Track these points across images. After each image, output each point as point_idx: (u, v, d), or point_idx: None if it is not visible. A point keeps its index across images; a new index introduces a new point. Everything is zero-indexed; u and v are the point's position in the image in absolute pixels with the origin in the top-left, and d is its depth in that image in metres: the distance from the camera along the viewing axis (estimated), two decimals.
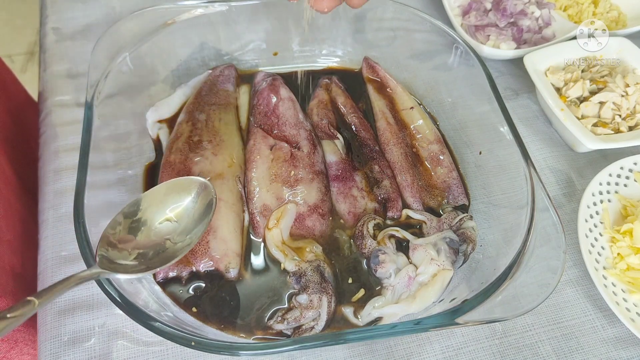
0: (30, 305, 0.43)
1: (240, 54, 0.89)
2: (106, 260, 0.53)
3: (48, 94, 0.86)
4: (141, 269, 0.55)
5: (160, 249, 0.58)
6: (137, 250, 0.57)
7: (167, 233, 0.60)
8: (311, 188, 0.72)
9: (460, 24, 0.96)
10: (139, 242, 0.58)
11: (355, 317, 0.62)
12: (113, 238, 0.56)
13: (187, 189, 0.62)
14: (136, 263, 0.55)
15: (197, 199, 0.62)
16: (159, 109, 0.80)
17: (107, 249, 0.54)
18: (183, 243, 0.59)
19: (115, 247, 0.55)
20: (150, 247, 0.58)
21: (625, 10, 1.02)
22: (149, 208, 0.60)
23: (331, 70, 0.91)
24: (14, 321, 0.41)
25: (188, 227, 0.60)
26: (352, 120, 0.82)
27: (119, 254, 0.55)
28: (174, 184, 0.63)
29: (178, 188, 0.62)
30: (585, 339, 0.66)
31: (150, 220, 0.60)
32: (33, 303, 0.44)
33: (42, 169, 0.78)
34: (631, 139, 0.78)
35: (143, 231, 0.59)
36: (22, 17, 2.33)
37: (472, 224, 0.69)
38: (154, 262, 0.56)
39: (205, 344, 0.51)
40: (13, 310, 0.42)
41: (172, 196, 0.62)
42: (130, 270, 0.54)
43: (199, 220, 0.61)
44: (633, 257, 0.68)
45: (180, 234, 0.60)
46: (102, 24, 0.95)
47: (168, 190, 0.62)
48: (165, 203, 0.61)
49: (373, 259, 0.65)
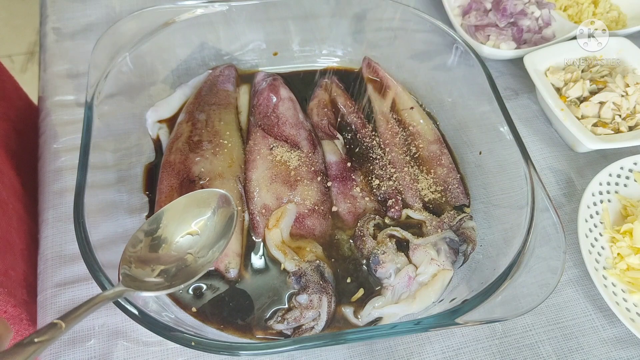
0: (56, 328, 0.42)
1: (240, 54, 0.89)
2: (129, 278, 0.52)
3: (48, 94, 0.86)
4: (165, 286, 0.53)
5: (183, 264, 0.56)
6: (160, 267, 0.55)
7: (189, 247, 0.58)
8: (311, 188, 0.72)
9: (460, 24, 0.96)
10: (161, 258, 0.56)
11: (355, 317, 0.62)
12: (135, 256, 0.54)
13: (207, 202, 0.60)
14: (160, 280, 0.54)
15: (217, 211, 0.59)
16: (159, 109, 0.80)
17: (129, 267, 0.53)
18: (205, 258, 0.57)
19: (137, 264, 0.54)
20: (173, 263, 0.56)
21: (625, 10, 1.02)
22: (170, 223, 0.58)
23: (331, 70, 0.91)
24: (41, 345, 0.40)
25: (210, 240, 0.58)
26: (352, 120, 0.82)
27: (142, 271, 0.53)
28: (194, 196, 0.60)
29: (198, 201, 0.60)
30: (585, 339, 0.66)
31: (171, 235, 0.58)
32: (60, 325, 0.42)
33: (42, 169, 0.78)
34: (631, 139, 0.78)
35: (164, 247, 0.57)
36: (22, 17, 2.33)
37: (472, 224, 0.69)
38: (177, 279, 0.54)
39: (205, 344, 0.51)
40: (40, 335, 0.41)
41: (193, 209, 0.60)
42: (154, 287, 0.52)
43: (221, 233, 0.58)
44: (633, 257, 0.68)
45: (202, 248, 0.58)
46: (102, 24, 0.95)
47: (188, 204, 0.60)
48: (186, 217, 0.59)
49: (373, 258, 0.65)
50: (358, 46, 0.91)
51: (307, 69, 0.90)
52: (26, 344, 0.39)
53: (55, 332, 0.42)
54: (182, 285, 0.54)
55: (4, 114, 0.89)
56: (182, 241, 0.58)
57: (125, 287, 0.50)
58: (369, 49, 0.90)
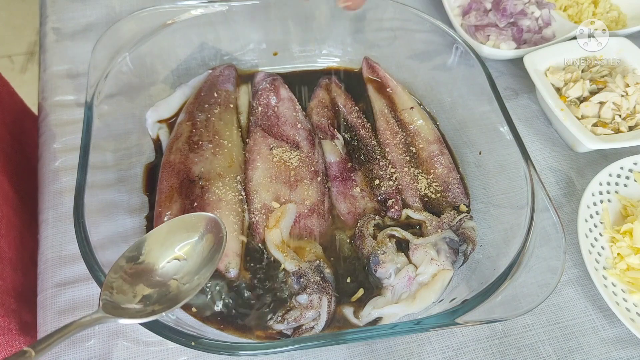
0: (25, 356, 0.41)
1: (240, 54, 0.89)
2: (110, 305, 0.50)
3: (48, 94, 0.86)
4: (146, 313, 0.51)
5: (166, 290, 0.54)
6: (141, 293, 0.53)
7: (174, 273, 0.56)
8: (311, 188, 0.72)
9: (460, 24, 0.96)
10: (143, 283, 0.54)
11: (355, 317, 0.62)
12: (116, 283, 0.53)
13: (195, 226, 0.58)
14: (141, 306, 0.52)
15: (205, 236, 0.58)
16: (159, 109, 0.80)
17: (111, 293, 0.51)
18: (191, 284, 0.55)
19: (119, 290, 0.52)
20: (155, 290, 0.54)
21: (625, 10, 1.02)
22: (154, 248, 0.57)
23: (331, 70, 0.91)
24: None
25: (196, 266, 0.57)
26: (352, 120, 0.82)
27: (124, 297, 0.52)
28: (183, 220, 0.59)
29: (187, 225, 0.58)
30: (585, 339, 0.66)
31: (156, 260, 0.56)
32: (29, 354, 0.41)
33: (42, 169, 0.78)
34: (631, 139, 0.78)
35: (148, 273, 0.55)
36: (22, 17, 2.33)
37: (472, 224, 0.69)
38: (160, 307, 0.52)
39: (205, 344, 0.51)
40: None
41: (180, 234, 0.58)
42: (134, 315, 0.51)
43: (208, 259, 0.57)
44: (633, 257, 0.68)
45: (188, 274, 0.56)
46: (102, 24, 0.95)
47: (175, 228, 0.58)
48: (172, 241, 0.58)
49: (373, 259, 0.65)
50: (358, 46, 0.91)
51: (307, 69, 0.90)
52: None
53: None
54: (164, 313, 0.52)
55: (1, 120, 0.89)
56: (167, 266, 0.56)
57: (104, 313, 0.49)
58: (369, 49, 0.90)
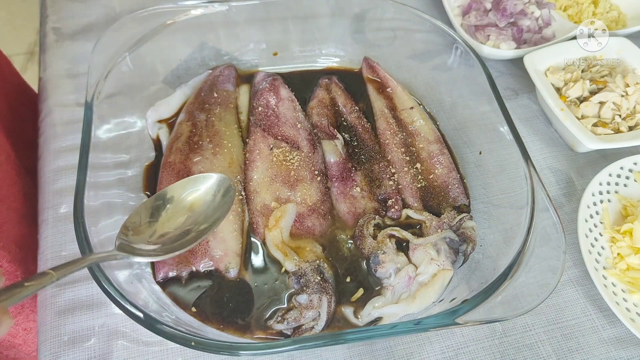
0: (48, 277, 0.45)
1: (240, 54, 0.89)
2: (125, 245, 0.54)
3: (48, 94, 0.86)
4: (161, 251, 0.56)
5: (181, 235, 0.59)
6: (157, 235, 0.58)
7: (187, 220, 0.60)
8: (311, 188, 0.72)
9: (460, 24, 0.96)
10: (158, 229, 0.59)
11: (355, 317, 0.62)
12: (133, 226, 0.57)
13: (205, 181, 0.64)
14: (155, 247, 0.56)
15: (215, 188, 0.63)
16: (159, 109, 0.80)
17: (127, 235, 0.56)
18: (204, 226, 0.60)
19: (135, 233, 0.57)
20: (171, 234, 0.59)
21: (625, 10, 1.02)
22: (169, 197, 0.62)
23: (331, 70, 0.91)
24: (30, 289, 0.43)
25: (208, 212, 0.61)
26: (352, 120, 0.82)
27: (139, 238, 0.56)
28: (193, 178, 0.64)
29: (197, 181, 0.64)
30: (585, 339, 0.66)
31: (171, 210, 0.61)
32: (51, 275, 0.46)
33: (42, 169, 0.78)
34: (631, 139, 0.78)
35: (163, 220, 0.60)
36: (22, 16, 2.33)
37: (472, 224, 0.69)
38: (174, 247, 0.57)
39: (205, 344, 0.51)
40: (31, 280, 0.44)
41: (192, 187, 0.63)
42: (148, 254, 0.55)
43: (219, 206, 0.62)
44: (633, 257, 0.68)
45: (199, 222, 0.60)
46: (102, 24, 0.95)
47: (188, 183, 0.63)
48: (186, 192, 0.63)
49: (373, 258, 0.65)
50: (358, 46, 0.91)
51: (307, 69, 0.90)
52: (17, 285, 0.42)
53: (46, 280, 0.45)
54: (178, 252, 0.56)
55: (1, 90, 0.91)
56: (181, 216, 0.61)
57: (118, 251, 0.53)
58: (369, 49, 0.90)
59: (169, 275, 0.64)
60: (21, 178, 0.83)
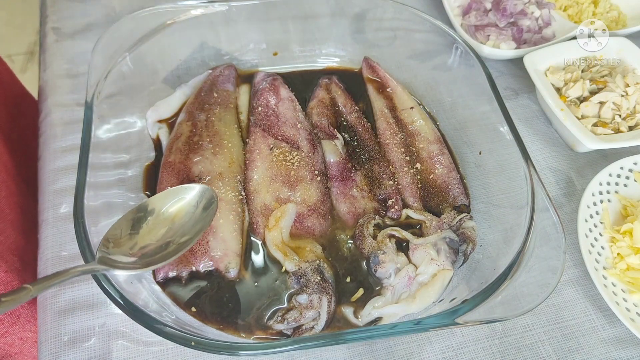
0: (25, 292, 0.46)
1: (240, 54, 0.89)
2: (106, 258, 0.54)
3: (48, 94, 0.86)
4: (141, 264, 0.55)
5: (162, 248, 0.58)
6: (137, 248, 0.57)
7: (169, 232, 0.60)
8: (311, 188, 0.72)
9: (460, 24, 0.96)
10: (139, 242, 0.58)
11: (355, 317, 0.62)
12: (114, 238, 0.57)
13: (187, 192, 0.63)
14: (135, 259, 0.56)
15: (197, 200, 0.63)
16: (159, 109, 0.80)
17: (107, 247, 0.55)
18: (185, 240, 0.59)
19: (116, 245, 0.56)
20: (151, 246, 0.58)
21: (625, 10, 1.02)
22: (150, 210, 0.61)
23: (331, 70, 0.91)
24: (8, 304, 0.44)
25: (189, 225, 0.61)
26: (352, 120, 0.82)
27: (119, 250, 0.56)
28: (176, 189, 0.64)
29: (179, 192, 0.64)
30: (585, 339, 0.66)
31: (151, 222, 0.60)
32: (28, 290, 0.46)
33: (42, 169, 0.78)
34: (631, 139, 0.78)
35: (144, 232, 0.59)
36: (22, 16, 2.33)
37: (472, 224, 0.69)
38: (155, 259, 0.57)
39: (205, 344, 0.51)
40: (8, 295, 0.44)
41: (174, 198, 0.63)
42: (128, 267, 0.55)
43: (201, 219, 0.61)
44: (633, 257, 0.68)
45: (180, 234, 0.60)
46: (102, 24, 0.96)
47: (169, 195, 0.63)
48: (167, 204, 0.62)
49: (373, 259, 0.65)
50: (358, 46, 0.91)
51: (307, 69, 0.90)
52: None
53: (22, 295, 0.45)
54: (159, 264, 0.56)
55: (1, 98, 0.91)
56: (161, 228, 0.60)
57: (98, 265, 0.53)
58: (369, 49, 0.90)
59: (169, 276, 0.64)
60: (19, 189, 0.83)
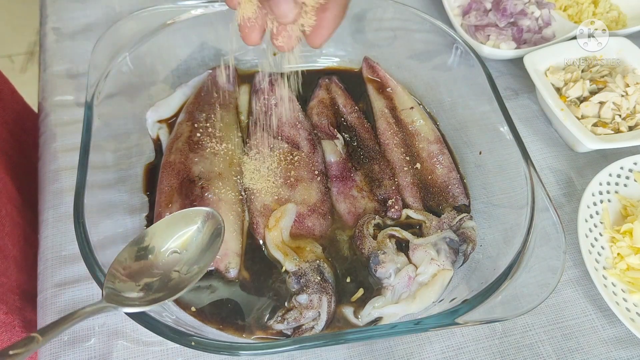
0: (33, 342, 0.43)
1: (240, 54, 0.89)
2: (112, 293, 0.52)
3: (48, 94, 0.86)
4: (148, 301, 0.53)
5: (167, 279, 0.56)
6: (144, 282, 0.55)
7: (174, 264, 0.58)
8: (311, 188, 0.72)
9: (460, 24, 0.96)
10: (145, 274, 0.56)
11: (355, 317, 0.62)
12: (119, 272, 0.54)
13: (192, 219, 0.60)
14: (142, 294, 0.54)
15: (203, 227, 0.60)
16: (159, 109, 0.80)
17: (113, 282, 0.53)
18: (191, 273, 0.57)
19: (122, 280, 0.54)
20: (157, 279, 0.56)
21: (625, 10, 1.02)
22: (154, 240, 0.59)
23: (331, 70, 0.91)
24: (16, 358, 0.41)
25: (194, 256, 0.58)
26: (352, 120, 0.82)
27: (125, 286, 0.54)
28: (180, 215, 0.61)
29: (184, 219, 0.61)
30: (585, 339, 0.66)
31: (156, 252, 0.58)
32: (37, 339, 0.43)
33: (42, 169, 0.78)
34: (631, 139, 0.78)
35: (149, 264, 0.57)
36: (22, 17, 2.33)
37: (472, 224, 0.69)
38: (161, 295, 0.54)
39: (205, 344, 0.51)
40: (16, 347, 0.41)
41: (178, 227, 0.60)
42: (136, 303, 0.52)
43: (206, 249, 0.59)
44: (633, 257, 0.68)
45: (187, 263, 0.58)
46: (102, 24, 0.95)
47: (173, 222, 0.60)
48: (171, 234, 0.60)
49: (373, 259, 0.65)
50: (358, 46, 0.90)
51: (307, 69, 0.90)
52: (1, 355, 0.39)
53: (32, 345, 0.42)
54: (166, 300, 0.53)
55: (0, 117, 0.89)
56: (168, 258, 0.58)
57: (107, 302, 0.50)
58: (369, 49, 0.90)
59: None
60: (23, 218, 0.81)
